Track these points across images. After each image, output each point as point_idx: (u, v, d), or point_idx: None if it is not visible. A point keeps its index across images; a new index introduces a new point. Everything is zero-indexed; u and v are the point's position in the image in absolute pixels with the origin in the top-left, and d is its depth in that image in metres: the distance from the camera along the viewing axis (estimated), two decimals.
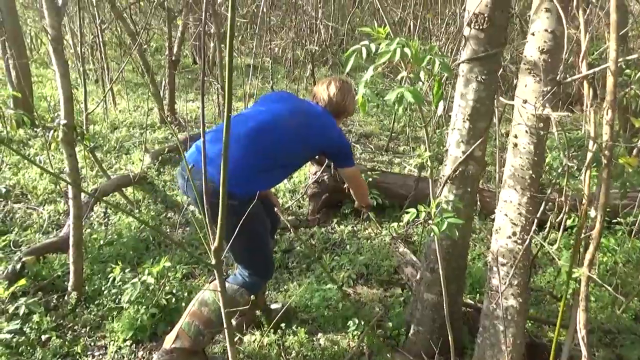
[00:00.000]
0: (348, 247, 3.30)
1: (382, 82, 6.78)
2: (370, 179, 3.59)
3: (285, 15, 7.83)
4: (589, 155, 1.59)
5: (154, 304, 2.36)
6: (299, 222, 3.57)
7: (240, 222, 1.65)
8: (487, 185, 4.31)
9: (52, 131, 2.46)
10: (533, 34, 1.64)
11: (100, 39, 5.38)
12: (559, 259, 1.95)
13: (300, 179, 4.21)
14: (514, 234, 1.79)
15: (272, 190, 3.31)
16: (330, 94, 2.32)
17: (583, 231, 1.70)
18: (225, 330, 1.51)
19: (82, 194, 2.65)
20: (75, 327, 2.37)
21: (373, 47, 1.54)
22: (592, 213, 1.62)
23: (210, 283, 2.16)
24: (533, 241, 1.92)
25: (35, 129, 4.70)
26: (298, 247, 3.27)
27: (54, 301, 2.51)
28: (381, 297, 2.82)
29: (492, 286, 1.87)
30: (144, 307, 2.33)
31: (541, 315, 2.72)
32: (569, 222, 2.06)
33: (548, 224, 2.17)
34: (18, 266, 2.56)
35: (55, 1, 2.33)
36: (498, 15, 1.82)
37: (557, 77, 1.60)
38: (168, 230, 3.34)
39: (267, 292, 2.70)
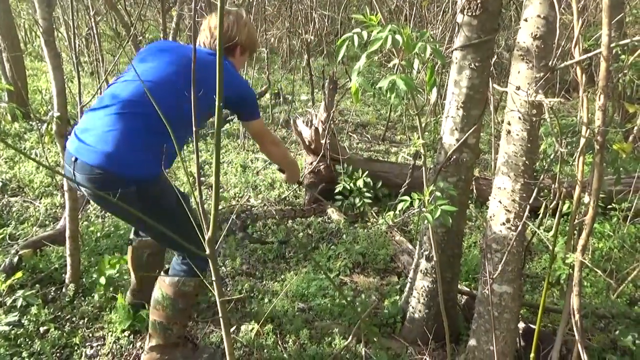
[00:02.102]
0: (344, 236, 3.31)
1: (378, 71, 6.75)
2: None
3: (280, 5, 7.78)
4: (582, 141, 1.59)
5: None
6: (294, 213, 3.57)
7: (149, 207, 1.60)
8: (483, 173, 4.32)
9: (45, 124, 2.45)
10: (526, 20, 1.63)
11: (95, 31, 5.34)
12: (554, 246, 1.97)
13: None
14: (508, 220, 1.80)
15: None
16: (211, 31, 2.03)
17: (577, 217, 1.71)
18: (221, 320, 1.52)
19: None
20: (73, 319, 2.38)
21: (365, 35, 1.53)
22: (586, 199, 1.63)
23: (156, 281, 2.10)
24: (528, 228, 1.93)
25: (30, 123, 4.68)
26: (294, 238, 3.28)
27: (52, 293, 2.52)
28: (377, 286, 2.83)
29: (487, 273, 1.88)
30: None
31: (537, 301, 2.74)
32: (564, 209, 2.08)
33: (542, 210, 2.17)
34: (15, 259, 2.56)
35: None
36: (491, 1, 1.81)
37: (550, 63, 1.60)
38: None
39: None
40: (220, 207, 3.30)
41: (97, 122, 1.82)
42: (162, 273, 2.13)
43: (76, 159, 1.78)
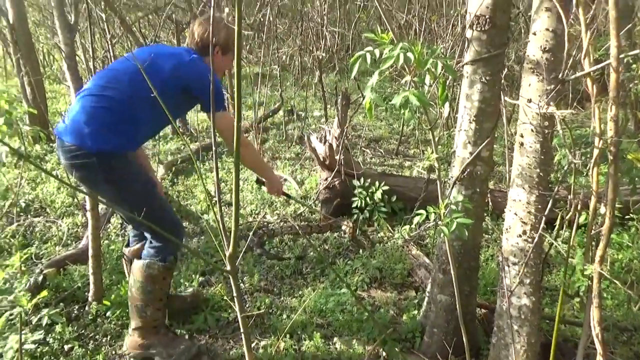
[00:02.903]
0: (361, 251, 3.32)
1: (390, 86, 6.80)
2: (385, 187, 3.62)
3: (291, 23, 7.91)
4: (596, 151, 1.60)
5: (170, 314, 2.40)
6: (310, 228, 3.60)
7: (113, 180, 1.80)
8: (498, 185, 4.31)
9: None
10: (534, 34, 1.66)
11: (111, 54, 5.49)
12: (572, 257, 1.95)
13: (312, 185, 4.25)
14: (524, 232, 1.80)
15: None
16: (194, 33, 2.24)
17: (593, 228, 1.70)
18: (243, 335, 1.55)
19: (99, 206, 2.71)
20: (97, 337, 2.42)
21: (377, 52, 1.57)
22: (602, 210, 1.63)
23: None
24: (545, 240, 1.93)
25: (51, 145, 4.81)
26: (312, 253, 3.30)
27: (75, 311, 2.57)
28: (395, 300, 2.83)
29: (505, 286, 1.88)
30: None
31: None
32: (581, 220, 2.07)
33: (558, 222, 2.17)
34: (40, 278, 2.62)
35: (67, 19, 2.40)
36: (499, 16, 1.84)
37: (560, 76, 1.62)
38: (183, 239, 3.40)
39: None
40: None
41: (73, 105, 2.11)
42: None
43: (58, 138, 2.07)
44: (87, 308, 2.56)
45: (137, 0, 8.03)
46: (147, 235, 2.24)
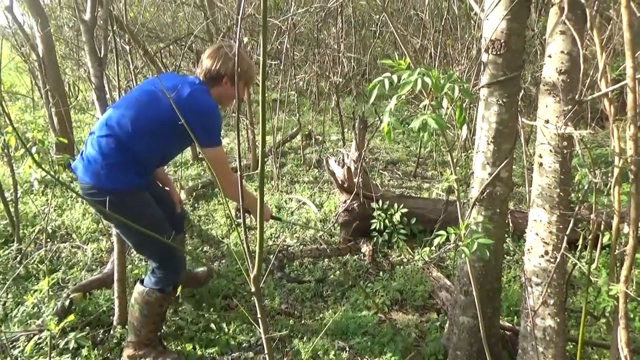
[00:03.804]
0: (381, 273, 3.32)
1: (407, 109, 6.86)
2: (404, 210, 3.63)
3: (308, 50, 8.07)
4: (616, 171, 1.60)
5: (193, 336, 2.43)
6: (330, 251, 3.61)
7: (125, 215, 1.81)
8: (519, 206, 4.28)
9: None
10: (550, 56, 1.69)
11: (135, 83, 5.68)
12: (597, 277, 1.93)
13: (331, 207, 4.28)
14: (546, 252, 1.80)
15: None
16: (204, 63, 2.28)
17: (617, 248, 1.69)
18: (267, 357, 1.57)
19: None
20: None
21: (395, 78, 1.62)
22: (625, 229, 1.62)
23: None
24: (569, 261, 1.92)
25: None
26: (332, 276, 3.30)
27: (100, 335, 2.62)
28: (417, 323, 2.81)
29: (528, 307, 1.87)
30: (185, 338, 2.41)
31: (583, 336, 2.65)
32: (604, 240, 2.05)
33: (580, 242, 2.15)
34: (67, 303, 2.68)
35: (97, 53, 2.52)
36: (514, 40, 1.88)
37: (577, 96, 1.64)
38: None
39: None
40: None
41: (87, 144, 2.25)
42: (137, 282, 2.44)
43: (75, 174, 2.24)
44: (112, 332, 2.60)
45: (158, 32, 8.31)
46: (151, 265, 2.38)
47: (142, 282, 2.40)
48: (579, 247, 2.22)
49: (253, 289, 1.42)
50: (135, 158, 2.18)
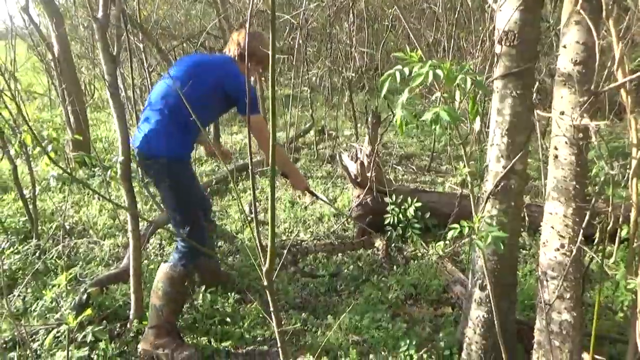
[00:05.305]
0: (395, 267, 3.31)
1: (420, 103, 6.81)
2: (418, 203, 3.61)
3: (320, 45, 8.06)
4: (634, 162, 1.57)
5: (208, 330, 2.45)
6: (344, 246, 3.61)
7: (172, 179, 2.21)
8: (534, 200, 4.23)
9: (109, 170, 2.67)
10: (565, 47, 1.66)
11: (149, 81, 5.73)
12: (614, 272, 1.90)
13: (344, 202, 4.28)
14: (562, 246, 1.77)
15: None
16: (235, 41, 2.64)
17: (635, 241, 1.67)
18: (280, 350, 1.58)
19: (140, 226, 2.81)
20: (138, 354, 2.49)
21: (407, 70, 1.61)
22: None
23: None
24: (586, 255, 1.89)
25: (92, 169, 5.02)
26: (345, 270, 3.31)
27: (117, 329, 2.66)
28: (431, 317, 2.80)
29: (543, 300, 1.85)
30: (201, 331, 2.44)
31: (600, 330, 2.62)
32: (623, 234, 2.02)
33: (597, 235, 2.12)
34: (84, 297, 2.72)
35: (110, 51, 2.54)
36: (528, 31, 1.85)
37: (592, 87, 1.61)
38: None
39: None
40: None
41: (142, 117, 2.55)
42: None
43: (134, 147, 2.50)
44: (128, 326, 2.64)
45: (172, 30, 8.37)
46: (178, 239, 2.58)
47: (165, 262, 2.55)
48: (596, 240, 2.19)
49: (265, 283, 1.43)
50: (187, 127, 2.44)
